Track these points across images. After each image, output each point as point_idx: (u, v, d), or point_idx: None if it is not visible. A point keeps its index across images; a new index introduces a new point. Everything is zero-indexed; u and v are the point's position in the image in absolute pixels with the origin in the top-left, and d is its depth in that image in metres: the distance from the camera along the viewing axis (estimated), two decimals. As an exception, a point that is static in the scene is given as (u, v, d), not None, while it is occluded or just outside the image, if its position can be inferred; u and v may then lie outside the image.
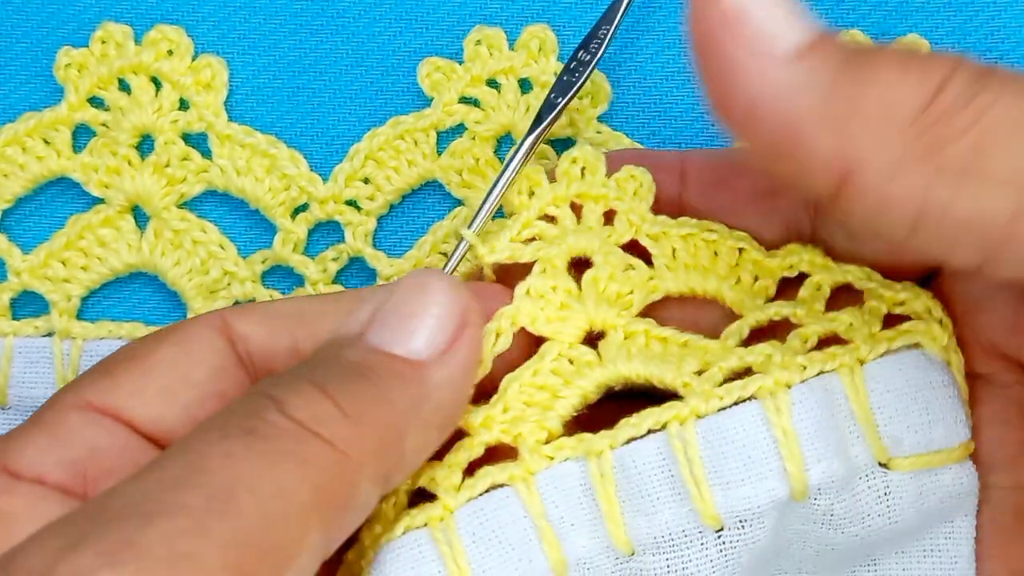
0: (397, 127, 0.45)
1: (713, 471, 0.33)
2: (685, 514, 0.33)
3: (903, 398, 0.34)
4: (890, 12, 0.45)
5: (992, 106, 0.27)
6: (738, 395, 0.34)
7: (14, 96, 0.46)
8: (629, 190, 0.38)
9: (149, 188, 0.45)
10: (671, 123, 0.45)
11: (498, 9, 0.46)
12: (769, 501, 0.33)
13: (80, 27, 0.46)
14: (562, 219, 0.38)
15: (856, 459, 0.34)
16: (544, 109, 0.41)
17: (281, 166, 0.45)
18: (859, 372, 0.34)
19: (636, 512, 0.34)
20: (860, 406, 0.34)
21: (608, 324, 0.37)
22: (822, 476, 0.33)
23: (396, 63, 0.46)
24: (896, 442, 0.34)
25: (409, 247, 0.45)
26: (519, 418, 0.35)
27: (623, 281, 0.37)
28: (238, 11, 0.46)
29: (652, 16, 0.46)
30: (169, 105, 0.45)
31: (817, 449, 0.33)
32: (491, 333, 0.36)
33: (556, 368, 0.36)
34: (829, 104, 0.28)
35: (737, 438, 0.33)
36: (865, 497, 0.34)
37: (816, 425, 0.33)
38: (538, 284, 0.37)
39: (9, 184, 0.45)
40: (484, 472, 0.34)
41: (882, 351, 0.34)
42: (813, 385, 0.34)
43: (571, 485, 0.34)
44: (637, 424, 0.34)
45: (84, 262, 0.45)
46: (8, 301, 0.45)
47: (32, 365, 0.45)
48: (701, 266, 0.37)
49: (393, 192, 0.45)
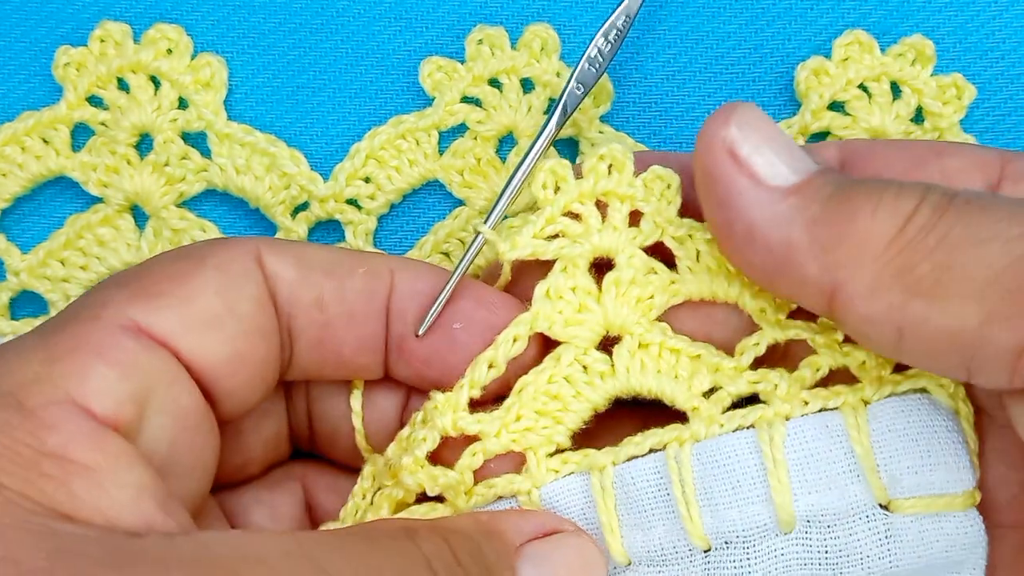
0: (398, 126, 0.45)
1: (704, 493, 0.34)
2: (677, 531, 0.34)
3: (904, 439, 0.34)
4: (891, 12, 0.45)
5: (953, 227, 0.31)
6: (738, 423, 0.35)
7: (13, 95, 0.46)
8: (656, 191, 0.38)
9: (148, 187, 0.45)
10: (672, 123, 0.45)
11: (499, 8, 0.46)
12: (754, 526, 0.34)
13: (79, 26, 0.46)
14: (587, 217, 0.38)
15: (854, 497, 0.34)
16: (569, 99, 0.40)
17: (281, 165, 0.45)
18: (863, 411, 0.35)
19: (633, 526, 0.35)
20: (861, 444, 0.34)
21: (625, 329, 0.37)
22: (811, 508, 0.34)
23: (397, 62, 0.46)
24: (895, 481, 0.34)
25: (410, 246, 0.45)
26: (529, 428, 0.36)
27: (644, 285, 0.37)
28: (238, 10, 0.46)
29: (653, 16, 0.45)
30: (168, 104, 0.45)
31: (808, 481, 0.34)
32: (509, 339, 0.36)
33: (569, 375, 0.36)
34: (815, 234, 0.32)
35: (729, 463, 0.34)
36: (864, 538, 0.34)
37: (809, 458, 0.34)
38: (558, 284, 0.37)
39: (8, 183, 0.45)
40: (491, 483, 0.35)
41: (887, 393, 0.35)
42: (813, 420, 0.35)
43: (574, 498, 0.35)
44: (640, 443, 0.35)
45: (83, 261, 0.45)
46: (7, 301, 0.45)
47: (31, 365, 0.45)
48: (724, 271, 0.37)
49: (394, 191, 0.45)
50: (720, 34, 0.46)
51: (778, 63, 0.45)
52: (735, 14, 0.46)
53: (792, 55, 0.45)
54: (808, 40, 0.45)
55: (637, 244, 0.37)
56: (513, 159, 0.44)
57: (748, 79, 0.45)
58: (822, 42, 0.45)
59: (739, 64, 0.45)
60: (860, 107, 0.44)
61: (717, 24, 0.46)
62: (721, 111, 0.34)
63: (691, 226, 0.37)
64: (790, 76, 0.45)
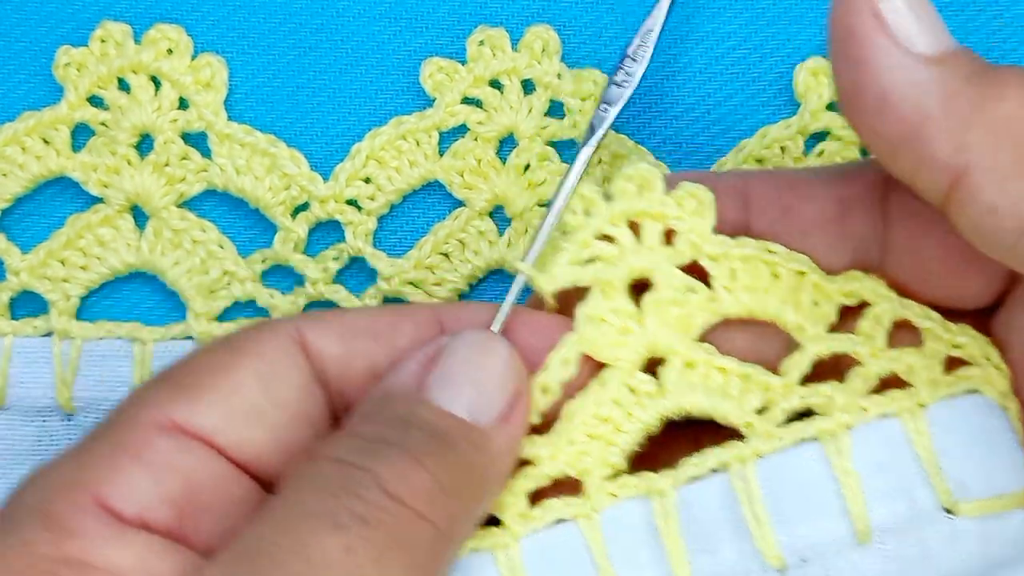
0: (399, 127, 0.45)
1: (774, 510, 0.34)
2: (748, 553, 0.34)
3: (966, 441, 0.34)
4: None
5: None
6: (799, 436, 0.34)
7: (13, 95, 0.46)
8: (689, 208, 0.37)
9: (148, 187, 0.45)
10: (672, 123, 0.45)
11: (500, 9, 0.46)
12: (830, 540, 0.33)
13: (79, 26, 0.46)
14: (620, 238, 0.37)
15: (921, 502, 0.33)
16: (595, 121, 0.39)
17: (281, 165, 0.45)
18: (921, 415, 0.34)
19: (700, 550, 0.34)
20: (924, 449, 0.34)
21: (669, 350, 0.36)
22: (886, 516, 0.33)
23: (397, 63, 0.46)
24: (961, 485, 0.33)
25: (410, 247, 0.45)
26: (583, 452, 0.35)
27: (684, 304, 0.36)
28: (238, 10, 0.46)
29: (654, 16, 0.46)
30: (169, 104, 0.45)
31: (879, 489, 0.33)
32: (558, 362, 0.36)
33: (618, 398, 0.36)
34: (953, 109, 0.30)
35: (797, 477, 0.34)
36: (934, 544, 0.34)
37: (877, 466, 0.33)
38: (599, 307, 0.36)
39: (8, 183, 0.45)
40: (549, 504, 0.35)
41: (942, 395, 0.34)
42: (874, 427, 0.34)
43: (635, 523, 0.35)
44: (699, 463, 0.34)
45: (83, 262, 0.45)
46: (7, 301, 0.45)
47: (31, 365, 0.45)
48: (761, 288, 0.36)
49: (394, 192, 0.45)
50: (720, 34, 0.46)
51: (778, 63, 0.45)
52: (735, 14, 0.46)
53: (792, 55, 0.45)
54: (808, 40, 0.45)
55: (673, 263, 0.36)
56: (515, 161, 0.44)
57: (748, 79, 0.45)
58: (822, 42, 0.45)
59: (739, 64, 0.45)
60: (860, 107, 0.44)
61: (717, 24, 0.46)
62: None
63: (725, 243, 0.37)
64: (790, 76, 0.45)
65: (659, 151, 0.45)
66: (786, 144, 0.44)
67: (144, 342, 0.44)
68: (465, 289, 0.45)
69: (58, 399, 0.44)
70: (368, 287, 0.45)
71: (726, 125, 0.45)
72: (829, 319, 0.36)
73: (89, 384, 0.44)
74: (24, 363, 0.45)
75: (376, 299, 0.44)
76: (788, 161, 0.44)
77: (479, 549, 0.34)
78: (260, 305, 0.45)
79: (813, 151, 0.44)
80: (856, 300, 0.36)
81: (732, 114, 0.45)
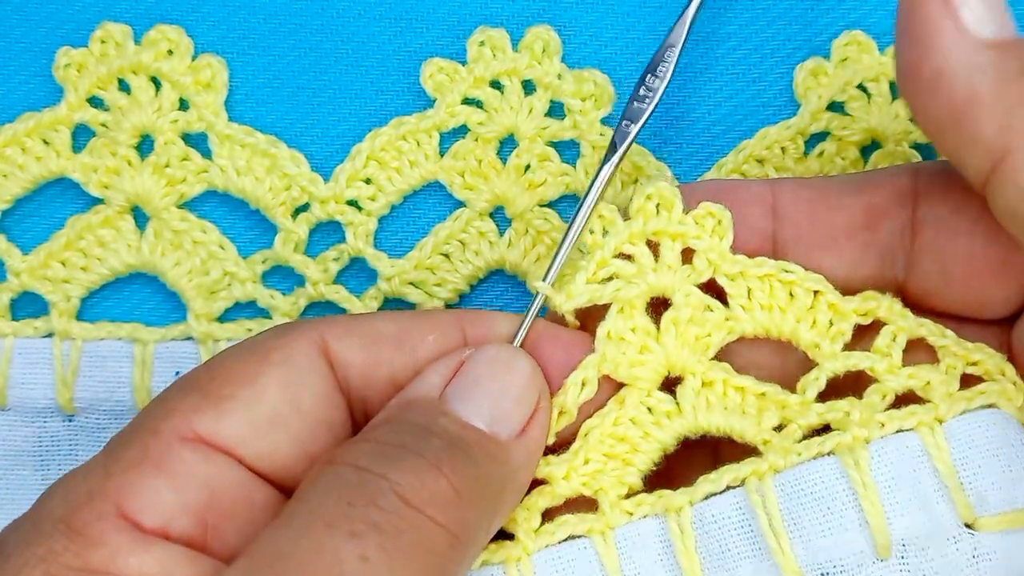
0: (399, 128, 0.45)
1: (792, 524, 0.34)
2: (766, 569, 0.34)
3: (985, 455, 0.34)
4: (891, 12, 0.45)
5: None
6: (816, 451, 0.34)
7: (13, 96, 0.46)
8: (708, 227, 0.37)
9: (149, 188, 0.45)
10: (672, 123, 0.45)
11: (501, 9, 0.46)
12: (850, 554, 0.33)
13: (79, 27, 0.46)
14: (639, 257, 0.37)
15: (940, 516, 0.33)
16: (617, 138, 0.39)
17: (282, 166, 0.45)
18: (939, 430, 0.34)
19: (716, 568, 0.34)
20: (943, 463, 0.34)
21: (687, 369, 0.36)
22: (907, 529, 0.33)
23: (397, 63, 0.46)
24: (981, 499, 0.34)
25: (410, 247, 0.45)
26: (599, 471, 0.36)
27: (702, 323, 0.36)
28: (238, 11, 0.46)
29: (653, 17, 0.46)
30: (169, 105, 0.45)
31: (899, 502, 0.33)
32: (577, 384, 0.36)
33: (635, 417, 0.36)
34: (1003, 93, 0.31)
35: (815, 491, 0.34)
36: (956, 560, 0.34)
37: (895, 480, 0.34)
38: (618, 326, 0.36)
39: (8, 184, 0.45)
40: (563, 520, 0.35)
41: (960, 410, 0.34)
42: (892, 442, 0.34)
43: (650, 541, 0.35)
44: (716, 480, 0.35)
45: (84, 263, 0.45)
46: (8, 302, 0.45)
47: (32, 366, 0.45)
48: (777, 307, 0.37)
49: (395, 192, 0.45)
50: (720, 34, 0.46)
51: (778, 63, 0.45)
52: (735, 14, 0.46)
53: (792, 55, 0.45)
54: (808, 40, 0.45)
55: (691, 282, 0.37)
56: (515, 161, 0.44)
57: (748, 79, 0.45)
58: (822, 42, 0.45)
59: (739, 64, 0.45)
60: (859, 107, 0.44)
61: (717, 24, 0.46)
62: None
63: (743, 262, 0.37)
64: (790, 76, 0.45)
65: (659, 151, 0.45)
66: (786, 145, 0.44)
67: (145, 343, 0.44)
68: (466, 289, 0.45)
69: (59, 400, 0.44)
70: (369, 287, 0.45)
71: (726, 125, 0.45)
72: (844, 338, 0.36)
73: (90, 385, 0.44)
74: (25, 364, 0.45)
75: (377, 299, 0.44)
76: (788, 162, 0.44)
77: (491, 562, 0.35)
78: (261, 306, 0.45)
79: (813, 152, 0.44)
80: (871, 319, 0.36)
81: (732, 114, 0.45)
